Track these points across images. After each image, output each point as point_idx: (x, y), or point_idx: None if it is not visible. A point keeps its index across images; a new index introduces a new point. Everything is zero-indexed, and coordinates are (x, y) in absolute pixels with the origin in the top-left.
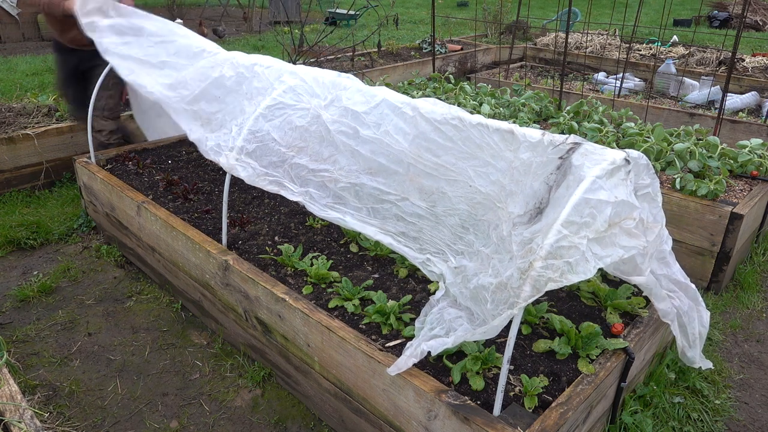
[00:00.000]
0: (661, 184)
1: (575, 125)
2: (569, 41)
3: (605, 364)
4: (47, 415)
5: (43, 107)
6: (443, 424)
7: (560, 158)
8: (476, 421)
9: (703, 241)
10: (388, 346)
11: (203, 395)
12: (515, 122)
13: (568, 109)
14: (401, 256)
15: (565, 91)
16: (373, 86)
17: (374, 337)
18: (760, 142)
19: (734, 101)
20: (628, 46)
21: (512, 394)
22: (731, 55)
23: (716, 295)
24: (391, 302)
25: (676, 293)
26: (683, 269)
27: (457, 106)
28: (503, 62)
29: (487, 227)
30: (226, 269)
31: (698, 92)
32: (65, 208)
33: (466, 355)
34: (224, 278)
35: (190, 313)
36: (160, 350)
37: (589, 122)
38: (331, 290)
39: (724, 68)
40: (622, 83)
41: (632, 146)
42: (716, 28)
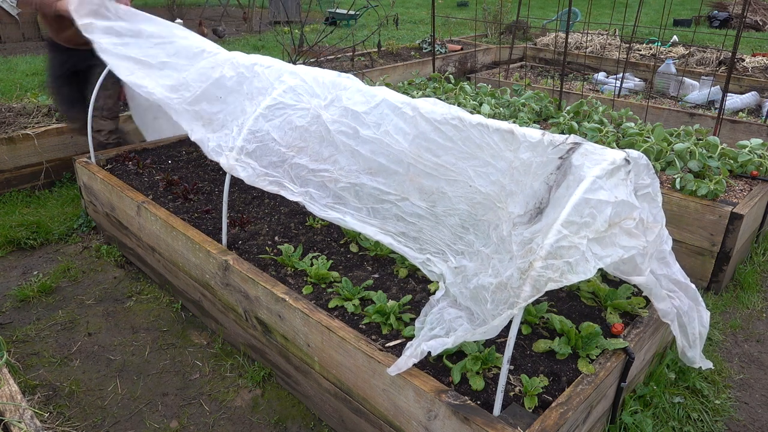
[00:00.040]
0: (661, 184)
1: (575, 125)
2: (569, 41)
3: (605, 364)
4: (47, 415)
5: (43, 107)
6: (443, 424)
7: (560, 158)
8: (476, 421)
9: (703, 241)
10: (388, 346)
11: (203, 395)
12: (515, 122)
13: (568, 109)
14: (401, 256)
15: (565, 91)
16: (373, 86)
17: (374, 337)
18: (760, 142)
19: (734, 101)
20: (628, 46)
21: (512, 394)
22: (731, 55)
23: (716, 295)
24: (391, 302)
25: (676, 293)
26: (683, 269)
27: (457, 106)
28: (503, 62)
29: (487, 227)
30: (226, 269)
31: (698, 92)
32: (65, 208)
33: (466, 355)
34: (224, 278)
35: (190, 313)
36: (160, 350)
37: (589, 122)
38: (331, 290)
39: (724, 68)
40: (622, 83)
41: (632, 146)
42: (716, 28)
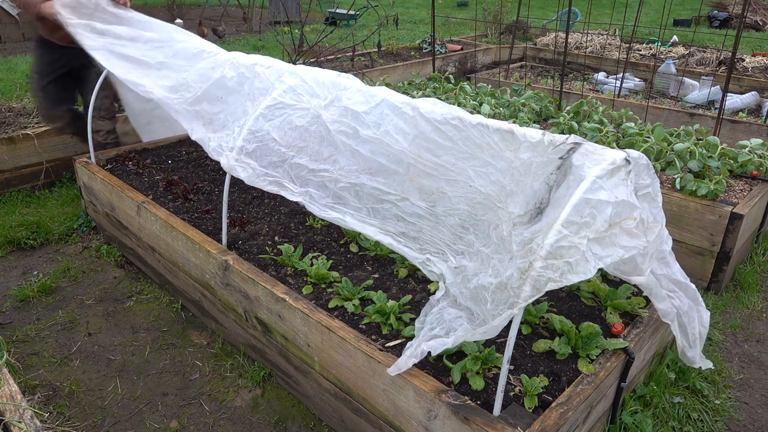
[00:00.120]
0: (661, 184)
1: (575, 125)
2: (569, 41)
3: (605, 364)
4: (47, 415)
5: None
6: (443, 424)
7: (560, 158)
8: (476, 421)
9: (703, 241)
10: (388, 346)
11: (203, 395)
12: (515, 122)
13: (568, 109)
14: (401, 256)
15: (565, 91)
16: (373, 86)
17: (374, 337)
18: (760, 142)
19: (734, 101)
20: (628, 46)
21: (512, 394)
22: (731, 55)
23: (716, 295)
24: (391, 302)
25: (676, 293)
26: (683, 269)
27: (457, 106)
28: (503, 62)
29: (487, 227)
30: (226, 269)
31: (698, 92)
32: (65, 208)
33: (466, 355)
34: (224, 278)
35: (190, 313)
36: (160, 350)
37: (589, 122)
38: (331, 290)
39: (724, 68)
40: (622, 83)
41: (632, 146)
42: (716, 28)
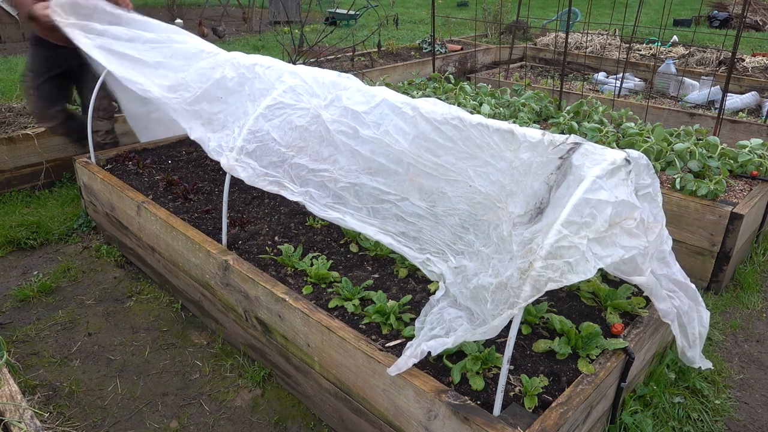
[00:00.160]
0: (661, 184)
1: (575, 125)
2: (569, 41)
3: (605, 364)
4: (47, 415)
5: None
6: (443, 424)
7: (560, 158)
8: (476, 421)
9: (703, 241)
10: (388, 346)
11: (203, 395)
12: (515, 122)
13: (568, 109)
14: (401, 256)
15: (565, 91)
16: (373, 86)
17: (374, 337)
18: (760, 142)
19: (734, 101)
20: (628, 46)
21: (512, 394)
22: (731, 55)
23: (716, 295)
24: (391, 302)
25: (676, 293)
26: (683, 269)
27: (457, 106)
28: (503, 62)
29: (487, 227)
30: (226, 269)
31: (698, 92)
32: (65, 208)
33: (466, 355)
34: (224, 278)
35: (190, 313)
36: (160, 350)
37: (589, 122)
38: (331, 290)
39: (724, 68)
40: (622, 83)
41: (632, 146)
42: (716, 28)
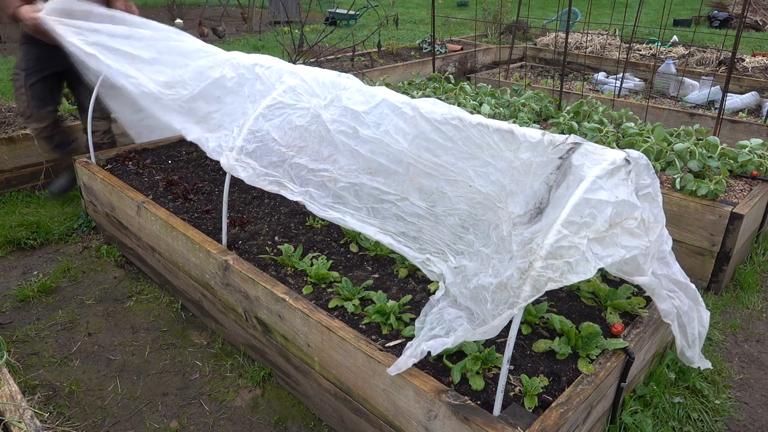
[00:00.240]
0: (661, 184)
1: (575, 125)
2: (569, 41)
3: (605, 364)
4: (47, 415)
5: None
6: (443, 424)
7: (560, 158)
8: (476, 421)
9: (703, 241)
10: (388, 346)
11: (203, 395)
12: (515, 122)
13: (568, 109)
14: (401, 256)
15: (565, 91)
16: (373, 86)
17: (374, 337)
18: (760, 142)
19: (734, 101)
20: (628, 46)
21: (512, 394)
22: (731, 55)
23: (716, 295)
24: (391, 302)
25: (676, 293)
26: (683, 269)
27: (457, 106)
28: (503, 62)
29: (487, 227)
30: (226, 269)
31: (698, 92)
32: (65, 208)
33: (466, 355)
34: (224, 278)
35: (190, 313)
36: (160, 350)
37: (589, 122)
38: (331, 290)
39: (724, 68)
40: (622, 83)
41: (632, 146)
42: (716, 28)
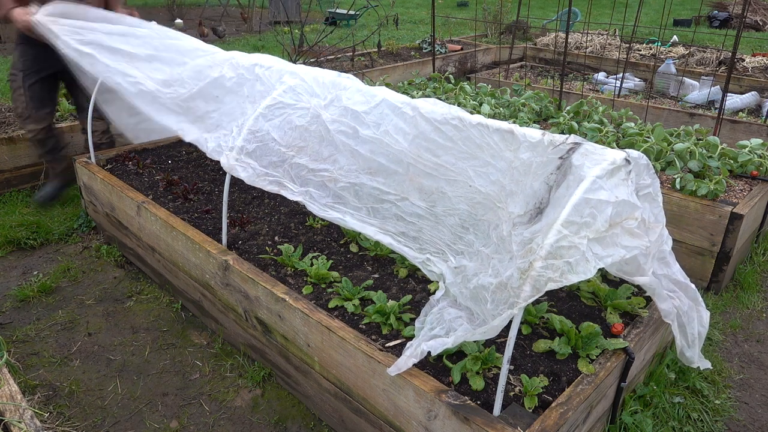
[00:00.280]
0: (661, 184)
1: (575, 125)
2: (569, 41)
3: (605, 364)
4: (47, 415)
5: None
6: (443, 424)
7: (560, 158)
8: (476, 421)
9: (703, 241)
10: (388, 346)
11: (203, 395)
12: (515, 122)
13: (568, 109)
14: (401, 256)
15: (565, 91)
16: (373, 86)
17: (374, 337)
18: (760, 142)
19: (734, 101)
20: (628, 46)
21: (512, 394)
22: (731, 55)
23: (716, 295)
24: (391, 302)
25: (676, 293)
26: (683, 269)
27: (457, 106)
28: (503, 62)
29: (487, 227)
30: (226, 269)
31: (698, 92)
32: (65, 208)
33: (466, 355)
34: (224, 278)
35: (190, 313)
36: (160, 350)
37: (589, 122)
38: (331, 290)
39: (724, 68)
40: (622, 83)
41: (632, 146)
42: (716, 28)
